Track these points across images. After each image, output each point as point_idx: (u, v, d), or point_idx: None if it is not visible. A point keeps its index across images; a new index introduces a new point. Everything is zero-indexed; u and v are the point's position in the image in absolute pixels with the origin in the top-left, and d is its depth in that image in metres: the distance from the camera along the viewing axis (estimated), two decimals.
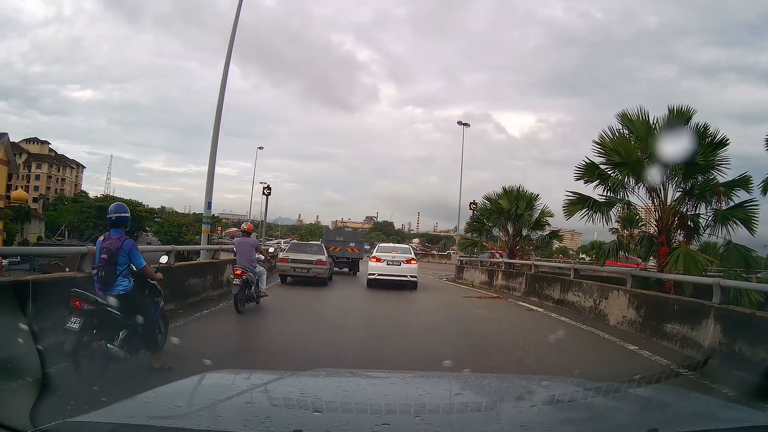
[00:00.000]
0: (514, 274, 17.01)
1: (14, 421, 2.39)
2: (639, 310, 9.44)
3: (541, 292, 14.10)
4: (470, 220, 22.43)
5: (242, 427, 1.63)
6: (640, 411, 2.11)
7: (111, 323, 4.97)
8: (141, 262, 5.32)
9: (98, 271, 5.14)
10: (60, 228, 72.70)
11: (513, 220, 20.14)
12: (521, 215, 19.82)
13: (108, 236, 5.22)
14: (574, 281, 12.41)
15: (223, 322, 8.71)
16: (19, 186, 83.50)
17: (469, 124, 45.79)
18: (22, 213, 69.12)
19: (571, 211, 11.33)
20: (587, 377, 4.49)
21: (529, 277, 15.46)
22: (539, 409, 2.02)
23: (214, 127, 14.47)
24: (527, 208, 19.88)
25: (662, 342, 8.25)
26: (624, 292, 10.05)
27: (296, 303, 12.11)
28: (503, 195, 20.19)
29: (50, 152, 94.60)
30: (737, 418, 2.05)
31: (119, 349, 4.97)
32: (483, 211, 21.15)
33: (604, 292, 10.83)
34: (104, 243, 5.17)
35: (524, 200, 19.86)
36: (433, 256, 54.72)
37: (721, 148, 10.53)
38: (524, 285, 15.54)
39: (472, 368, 4.48)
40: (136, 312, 5.20)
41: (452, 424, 1.82)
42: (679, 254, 9.98)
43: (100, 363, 4.77)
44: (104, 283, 5.07)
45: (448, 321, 10.63)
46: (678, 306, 8.43)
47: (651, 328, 8.81)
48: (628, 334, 9.07)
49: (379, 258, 16.63)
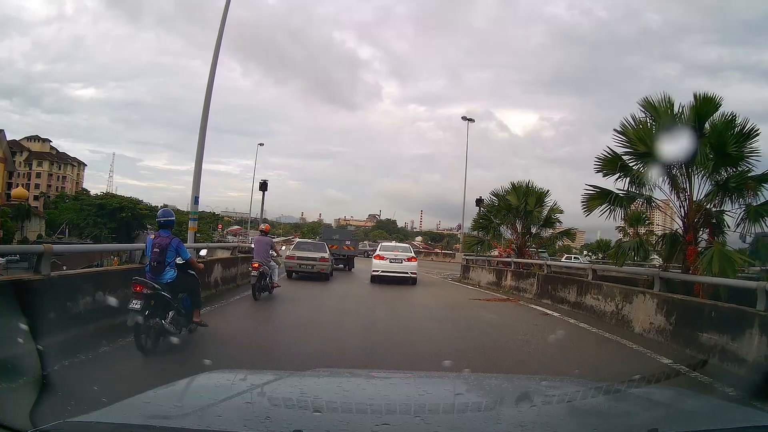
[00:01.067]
0: (524, 275, 15.96)
1: (14, 421, 2.40)
2: (669, 317, 8.44)
3: (554, 294, 13.09)
4: (476, 217, 21.22)
5: (242, 427, 1.64)
6: (640, 411, 2.07)
7: (163, 305, 5.98)
8: (187, 254, 6.47)
9: (150, 262, 6.15)
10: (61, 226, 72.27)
11: (522, 218, 19.14)
12: (530, 212, 18.81)
13: (158, 235, 6.31)
14: (592, 283, 11.39)
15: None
16: (20, 184, 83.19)
17: (473, 120, 44.89)
18: (22, 211, 68.62)
19: (591, 207, 10.33)
20: (587, 377, 4.39)
21: (541, 277, 14.41)
22: (539, 409, 1.98)
23: (202, 121, 13.72)
24: (537, 204, 18.87)
25: (698, 354, 7.26)
26: (651, 296, 9.05)
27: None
28: (511, 191, 19.18)
29: (51, 150, 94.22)
30: (737, 418, 2.03)
31: (170, 325, 5.98)
32: (490, 208, 20.01)
33: (627, 295, 9.82)
34: (155, 240, 6.22)
35: (534, 196, 18.85)
36: (437, 255, 53.22)
37: (752, 138, 9.58)
38: (536, 286, 14.52)
39: None
40: (180, 295, 6.32)
41: (452, 424, 1.81)
42: (712, 254, 8.96)
43: (154, 336, 5.81)
44: (155, 272, 6.09)
45: (456, 327, 9.59)
46: (715, 313, 7.45)
47: (684, 338, 7.82)
48: (657, 344, 8.08)
49: (382, 256, 17.91)
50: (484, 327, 9.82)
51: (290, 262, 17.14)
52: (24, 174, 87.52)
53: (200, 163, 13.63)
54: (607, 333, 9.06)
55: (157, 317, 5.84)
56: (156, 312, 5.85)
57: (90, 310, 6.47)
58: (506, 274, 17.15)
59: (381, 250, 18.92)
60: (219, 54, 14.04)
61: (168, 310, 6.02)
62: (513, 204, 18.87)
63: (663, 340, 8.26)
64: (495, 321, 10.61)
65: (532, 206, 18.73)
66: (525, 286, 15.30)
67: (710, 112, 10.01)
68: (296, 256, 17.35)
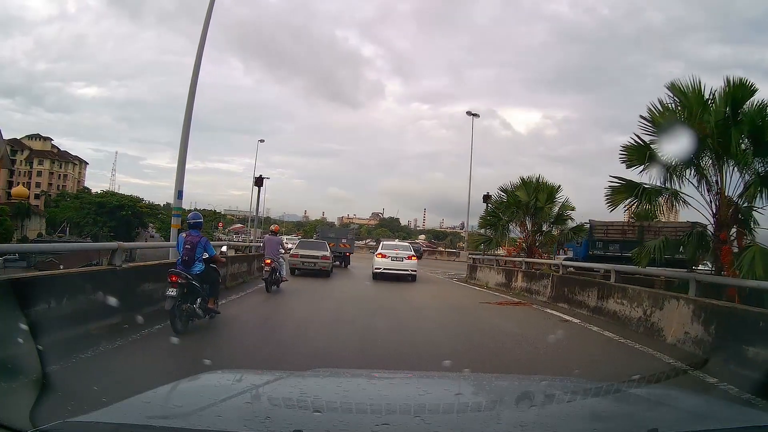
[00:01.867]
0: (536, 276, 14.96)
1: (14, 421, 2.43)
2: (707, 327, 7.45)
3: (571, 298, 12.09)
4: (484, 214, 20.10)
5: (242, 427, 1.64)
6: (640, 411, 2.05)
7: (193, 292, 7.09)
8: (212, 251, 7.63)
9: (182, 256, 7.30)
10: (62, 225, 71.72)
11: (532, 215, 18.13)
12: (541, 208, 17.80)
13: (189, 234, 7.46)
14: (615, 286, 10.38)
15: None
16: (21, 182, 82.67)
17: (478, 115, 43.97)
18: (21, 209, 68.04)
19: (616, 201, 9.37)
20: (587, 377, 4.28)
21: (556, 279, 13.41)
22: (539, 409, 1.94)
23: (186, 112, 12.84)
24: (548, 200, 17.86)
25: (743, 371, 6.27)
26: (686, 301, 8.05)
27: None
28: (521, 186, 18.16)
29: (53, 148, 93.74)
30: (737, 418, 2.02)
31: (198, 309, 7.15)
32: (498, 205, 18.95)
33: (657, 300, 8.82)
34: (187, 238, 7.37)
35: (545, 192, 17.84)
36: (441, 254, 51.53)
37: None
38: (550, 288, 13.51)
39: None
40: (206, 285, 7.40)
41: (452, 424, 1.79)
42: (753, 254, 7.97)
43: (185, 318, 6.98)
44: (186, 265, 7.21)
45: (468, 339, 8.44)
46: (764, 323, 6.49)
47: (726, 351, 6.83)
48: (695, 358, 7.08)
49: (384, 254, 18.71)
50: (499, 336, 8.81)
51: (294, 260, 17.87)
52: (25, 172, 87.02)
53: (184, 154, 12.79)
54: (637, 344, 8.04)
55: (188, 302, 7.01)
56: (187, 298, 7.00)
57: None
58: (516, 274, 16.14)
59: (383, 249, 19.54)
60: (205, 43, 13.20)
61: (197, 297, 7.16)
62: (523, 200, 17.86)
63: (700, 353, 7.26)
64: (510, 329, 9.55)
65: (543, 202, 17.73)
66: (538, 287, 14.30)
67: (746, 98, 9.04)
68: (300, 254, 18.27)
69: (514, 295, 15.17)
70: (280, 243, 13.61)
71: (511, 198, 18.22)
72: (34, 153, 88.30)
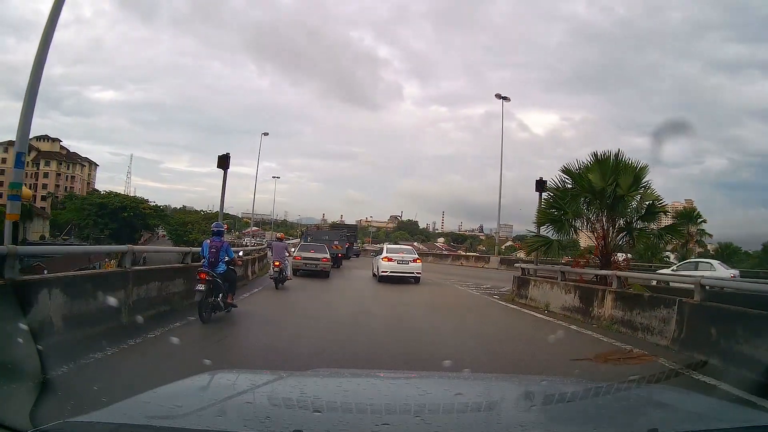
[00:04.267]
0: (644, 302, 9.34)
1: (14, 421, 2.42)
2: None
3: (727, 347, 6.57)
4: (544, 205, 14.24)
5: (242, 427, 1.64)
6: (640, 411, 2.04)
7: (217, 288, 8.85)
8: (232, 254, 9.43)
9: (208, 258, 9.03)
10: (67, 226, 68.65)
11: (609, 206, 12.64)
12: (623, 197, 12.32)
13: (213, 240, 9.26)
14: None
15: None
16: (27, 184, 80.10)
17: (509, 98, 38.52)
18: (23, 211, 65.06)
19: None
20: (587, 377, 4.10)
21: (688, 309, 7.88)
22: (539, 409, 1.95)
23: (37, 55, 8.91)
24: (632, 187, 12.35)
25: None
26: None
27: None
28: (593, 166, 12.62)
29: (61, 150, 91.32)
30: (737, 418, 1.98)
31: (221, 302, 8.94)
32: (563, 193, 13.30)
33: None
34: (211, 243, 9.18)
35: (628, 174, 12.35)
36: (467, 258, 44.56)
37: None
38: (674, 325, 7.97)
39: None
40: (227, 283, 9.14)
41: (452, 424, 1.79)
42: None
43: (210, 310, 8.67)
44: (211, 266, 8.93)
45: None
46: None
47: None
48: None
49: (390, 258, 19.36)
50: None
51: (297, 262, 19.23)
52: (31, 174, 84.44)
53: (32, 106, 8.86)
54: None
55: (213, 296, 8.71)
56: (212, 293, 8.67)
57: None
58: (601, 295, 10.59)
59: (388, 252, 20.13)
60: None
61: (220, 292, 8.86)
62: (596, 186, 12.39)
63: None
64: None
65: (625, 189, 12.21)
66: (648, 321, 8.68)
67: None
68: (302, 256, 19.89)
69: (601, 328, 9.69)
70: (285, 248, 16.09)
71: (581, 183, 12.70)
72: (41, 154, 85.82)
